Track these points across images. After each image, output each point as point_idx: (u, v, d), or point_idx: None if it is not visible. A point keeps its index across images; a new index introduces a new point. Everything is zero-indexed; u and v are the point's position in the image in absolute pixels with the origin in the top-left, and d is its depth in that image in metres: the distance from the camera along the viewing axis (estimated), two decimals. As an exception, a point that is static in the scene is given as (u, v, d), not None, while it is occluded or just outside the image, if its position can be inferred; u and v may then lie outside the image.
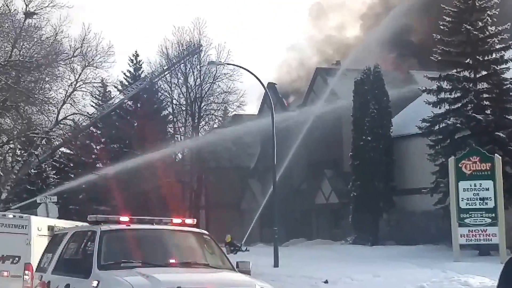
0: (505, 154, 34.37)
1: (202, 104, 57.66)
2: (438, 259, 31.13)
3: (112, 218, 12.40)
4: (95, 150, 58.44)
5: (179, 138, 60.52)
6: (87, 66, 41.40)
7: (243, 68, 40.83)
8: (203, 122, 58.95)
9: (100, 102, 60.25)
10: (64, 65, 40.10)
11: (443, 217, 35.13)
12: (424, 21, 54.21)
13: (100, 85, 49.65)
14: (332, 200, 51.53)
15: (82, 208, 49.41)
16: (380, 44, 53.41)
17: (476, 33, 37.04)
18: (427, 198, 37.75)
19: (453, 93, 37.47)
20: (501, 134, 36.19)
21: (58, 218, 27.77)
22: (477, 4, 37.62)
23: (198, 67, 57.61)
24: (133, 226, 12.12)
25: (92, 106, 57.84)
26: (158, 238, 12.12)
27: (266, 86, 40.40)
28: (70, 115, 41.78)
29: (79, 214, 41.09)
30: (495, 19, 37.39)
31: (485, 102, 37.34)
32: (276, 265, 32.99)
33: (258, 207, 51.63)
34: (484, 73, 37.45)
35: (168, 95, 59.81)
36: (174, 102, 59.40)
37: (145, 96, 60.84)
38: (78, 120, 46.08)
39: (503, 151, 34.79)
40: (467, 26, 36.94)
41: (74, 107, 41.35)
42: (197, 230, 12.77)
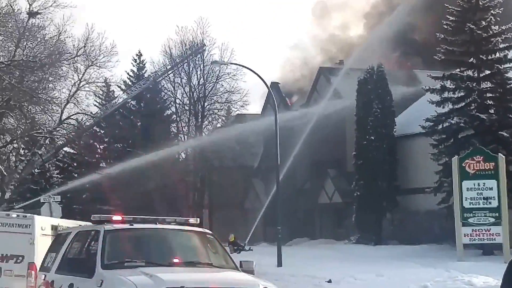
0: (508, 154, 34.28)
1: (206, 103, 57.74)
2: (441, 259, 31.09)
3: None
4: (99, 150, 58.53)
5: (183, 138, 60.58)
6: (91, 65, 41.49)
7: (246, 67, 40.82)
8: (207, 122, 59.11)
9: (103, 101, 60.29)
10: (67, 64, 40.19)
11: (447, 216, 35.08)
12: (427, 20, 54.13)
13: (103, 84, 49.65)
14: (335, 199, 51.46)
15: (85, 207, 49.45)
16: (383, 43, 53.30)
17: (479, 32, 37.02)
18: (431, 198, 37.73)
19: (456, 92, 37.44)
20: (504, 134, 36.16)
21: (61, 217, 27.75)
22: (480, 3, 37.59)
23: (202, 67, 57.73)
24: (136, 226, 12.10)
25: (95, 105, 58.00)
26: (161, 238, 12.10)
27: (269, 85, 40.31)
28: (73, 115, 41.87)
29: (83, 213, 41.10)
30: (499, 18, 37.36)
31: (488, 101, 37.28)
32: (279, 264, 32.97)
33: (261, 207, 51.53)
34: (487, 72, 37.40)
35: (171, 95, 59.94)
36: (178, 101, 59.55)
37: (148, 95, 60.87)
38: (82, 119, 46.21)
39: (507, 151, 34.71)
40: (471, 26, 36.90)
41: (78, 107, 41.48)
42: (200, 229, 12.75)
